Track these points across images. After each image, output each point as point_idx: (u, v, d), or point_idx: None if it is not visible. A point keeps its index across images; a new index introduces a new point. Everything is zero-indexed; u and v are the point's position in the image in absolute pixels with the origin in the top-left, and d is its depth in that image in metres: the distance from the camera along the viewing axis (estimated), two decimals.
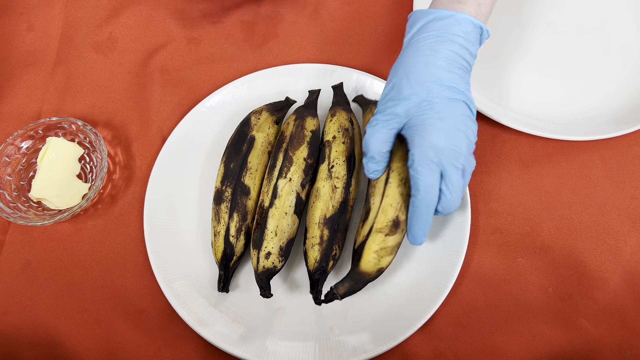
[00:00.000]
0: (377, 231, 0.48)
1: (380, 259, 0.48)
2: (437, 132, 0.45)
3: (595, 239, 0.57)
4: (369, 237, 0.48)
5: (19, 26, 0.71)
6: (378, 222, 0.48)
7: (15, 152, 0.61)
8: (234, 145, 0.56)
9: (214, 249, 0.54)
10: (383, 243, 0.48)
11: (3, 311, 0.56)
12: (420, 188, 0.45)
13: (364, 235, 0.49)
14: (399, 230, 0.48)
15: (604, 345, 0.53)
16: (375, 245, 0.48)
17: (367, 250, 0.48)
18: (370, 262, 0.48)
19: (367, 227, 0.49)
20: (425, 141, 0.45)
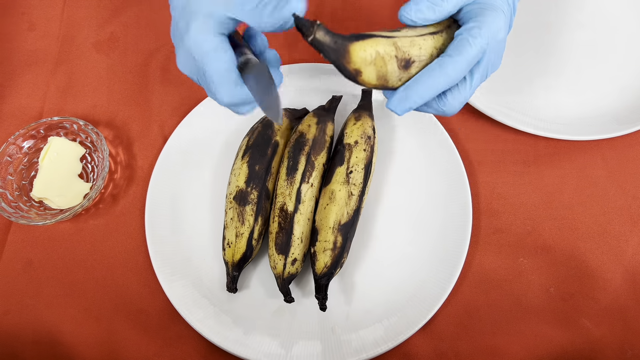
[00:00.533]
0: (393, 44, 0.39)
1: (370, 65, 0.39)
2: (503, 28, 0.41)
3: (597, 239, 0.57)
4: (385, 38, 0.39)
5: (21, 26, 0.71)
6: (400, 41, 0.39)
7: (17, 152, 0.61)
8: (258, 147, 0.55)
9: (233, 249, 0.53)
10: (387, 58, 0.39)
11: (4, 310, 0.56)
12: (463, 53, 0.39)
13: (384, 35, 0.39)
14: (403, 71, 0.40)
15: (606, 346, 0.53)
16: (382, 48, 0.39)
17: (372, 41, 0.38)
18: (365, 52, 0.38)
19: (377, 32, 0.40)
20: (494, 25, 0.40)
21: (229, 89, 0.40)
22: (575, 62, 0.65)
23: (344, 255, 0.52)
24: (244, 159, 0.55)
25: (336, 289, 0.55)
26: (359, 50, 0.38)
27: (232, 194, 0.54)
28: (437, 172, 0.59)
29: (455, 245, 0.54)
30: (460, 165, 0.58)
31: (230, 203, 0.54)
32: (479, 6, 0.40)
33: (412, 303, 0.53)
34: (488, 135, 0.62)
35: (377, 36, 0.38)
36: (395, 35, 0.39)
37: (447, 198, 0.57)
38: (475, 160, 0.61)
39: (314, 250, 0.52)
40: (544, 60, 0.65)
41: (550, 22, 0.67)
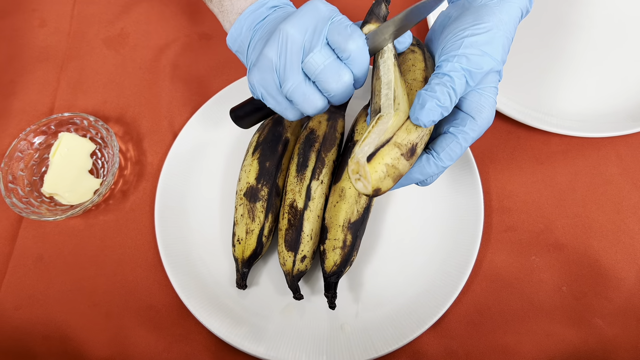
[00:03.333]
0: (395, 144, 0.39)
1: (386, 178, 0.38)
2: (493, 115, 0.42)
3: (610, 238, 0.56)
4: (386, 145, 0.38)
5: (32, 22, 0.72)
6: (398, 137, 0.39)
7: (28, 148, 0.61)
8: (269, 144, 0.55)
9: (243, 246, 0.53)
10: (397, 161, 0.39)
11: (16, 305, 0.57)
12: (454, 156, 0.41)
13: (378, 144, 0.39)
14: (412, 159, 0.40)
15: (619, 345, 0.52)
16: (389, 158, 0.38)
17: (378, 157, 0.38)
18: (378, 173, 0.38)
19: (379, 131, 0.39)
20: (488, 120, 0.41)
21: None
22: (589, 59, 0.64)
23: (353, 254, 0.52)
24: (254, 155, 0.55)
25: (345, 286, 0.55)
26: (373, 172, 0.38)
27: (243, 190, 0.54)
28: (448, 169, 0.58)
29: (467, 243, 0.54)
30: (472, 162, 0.57)
31: (240, 199, 0.54)
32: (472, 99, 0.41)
33: (423, 301, 0.53)
34: (500, 132, 0.61)
35: (381, 147, 0.38)
36: (392, 135, 0.39)
37: (459, 195, 0.57)
38: (487, 157, 0.60)
39: (323, 248, 0.52)
40: (557, 57, 0.65)
41: (564, 19, 0.67)
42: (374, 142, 0.39)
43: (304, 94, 0.42)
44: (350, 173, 0.39)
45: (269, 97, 0.43)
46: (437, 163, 0.41)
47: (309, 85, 0.42)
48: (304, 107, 0.42)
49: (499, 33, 0.40)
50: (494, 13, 0.40)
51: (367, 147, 0.38)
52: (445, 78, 0.38)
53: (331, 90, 0.42)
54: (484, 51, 0.39)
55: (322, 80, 0.41)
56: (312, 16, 0.41)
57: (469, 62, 0.39)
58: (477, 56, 0.39)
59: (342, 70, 0.41)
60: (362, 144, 0.39)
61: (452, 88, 0.38)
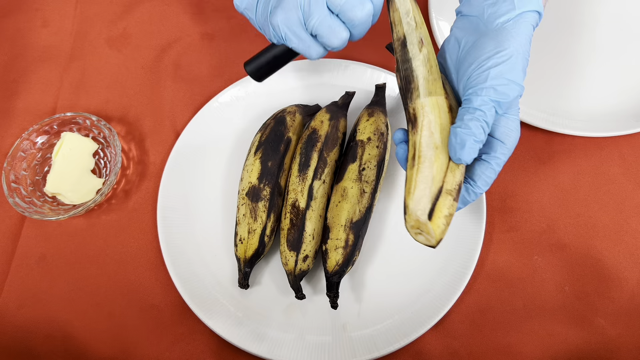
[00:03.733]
0: (447, 193, 0.39)
1: (446, 227, 0.39)
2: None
3: (613, 238, 0.56)
4: (440, 197, 0.39)
5: (34, 22, 0.72)
6: (448, 184, 0.39)
7: (31, 147, 0.61)
8: (271, 143, 0.55)
9: (245, 245, 0.53)
10: (452, 209, 0.39)
11: (18, 304, 0.57)
12: (490, 181, 0.42)
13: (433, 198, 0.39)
14: (457, 200, 0.40)
15: (622, 345, 0.52)
16: (446, 209, 0.39)
17: (437, 212, 0.38)
18: (440, 227, 0.39)
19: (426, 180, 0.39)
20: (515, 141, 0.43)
21: None
22: (592, 58, 0.64)
23: (355, 254, 0.52)
24: (256, 155, 0.55)
25: (347, 286, 0.55)
26: (437, 229, 0.39)
27: (245, 190, 0.54)
28: None
29: (469, 242, 0.54)
30: None
31: (242, 199, 0.54)
32: (500, 124, 0.42)
33: (425, 301, 0.53)
34: None
35: (437, 201, 0.39)
36: (442, 183, 0.39)
37: None
38: None
39: (325, 248, 0.52)
40: (561, 56, 0.65)
41: (569, 19, 0.66)
42: (427, 195, 0.39)
43: (329, 26, 0.42)
44: (409, 228, 0.40)
45: (293, 35, 0.44)
46: (475, 191, 0.42)
47: (333, 18, 0.42)
48: (330, 39, 0.43)
49: (519, 57, 0.40)
50: (513, 37, 0.41)
51: (423, 203, 0.39)
52: (477, 113, 0.39)
53: (355, 19, 0.42)
54: (509, 79, 0.39)
55: (347, 10, 0.42)
56: None
57: (497, 93, 0.39)
58: (503, 86, 0.39)
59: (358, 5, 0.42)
60: (414, 197, 0.39)
61: (485, 122, 0.39)
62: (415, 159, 0.40)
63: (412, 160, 0.41)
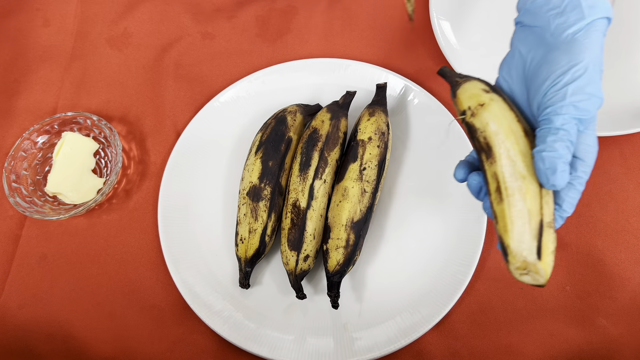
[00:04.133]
0: (548, 226, 0.37)
1: (553, 262, 0.37)
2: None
3: (614, 237, 0.56)
4: (544, 232, 0.37)
5: (35, 22, 0.72)
6: (546, 216, 0.37)
7: (32, 147, 0.61)
8: (272, 143, 0.55)
9: (246, 245, 0.53)
10: (555, 242, 0.37)
11: (19, 304, 0.57)
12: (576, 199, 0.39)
13: (536, 234, 0.37)
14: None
15: (623, 345, 0.52)
16: (551, 244, 0.37)
17: (545, 249, 0.37)
18: (549, 265, 0.37)
19: (523, 220, 0.37)
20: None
21: None
22: None
23: (356, 253, 0.52)
24: (257, 154, 0.55)
25: (348, 286, 0.55)
26: (547, 267, 0.37)
27: (246, 189, 0.54)
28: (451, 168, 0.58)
29: (470, 242, 0.54)
30: None
31: (243, 199, 0.54)
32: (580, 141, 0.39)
33: (426, 300, 0.53)
34: None
35: (541, 237, 0.37)
36: (541, 216, 0.37)
37: (462, 195, 0.56)
38: None
39: (326, 248, 0.52)
40: None
41: None
42: (527, 231, 0.37)
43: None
44: (514, 270, 0.37)
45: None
46: (562, 215, 0.39)
47: None
48: None
49: (595, 69, 0.38)
50: (586, 48, 0.38)
51: (527, 242, 0.36)
52: (560, 133, 0.36)
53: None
54: (589, 93, 0.37)
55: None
56: None
57: (578, 110, 0.37)
58: (584, 101, 0.37)
59: None
60: (514, 236, 0.37)
61: (569, 142, 0.37)
62: (501, 192, 0.38)
63: (497, 193, 0.38)
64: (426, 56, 0.66)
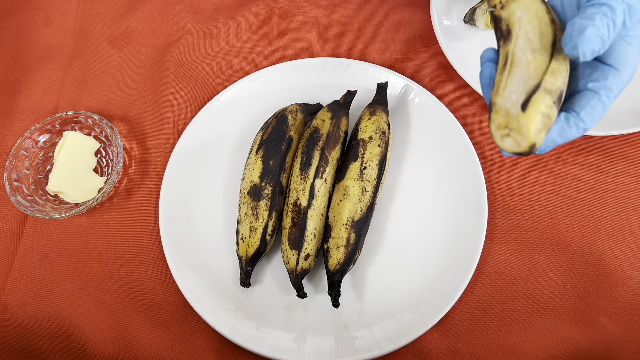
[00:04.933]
0: (546, 91, 0.34)
1: (542, 130, 0.33)
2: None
3: (615, 236, 0.56)
4: (538, 92, 0.33)
5: (37, 21, 0.72)
6: (547, 82, 0.34)
7: (33, 146, 0.61)
8: (273, 142, 0.55)
9: (247, 244, 0.53)
10: (551, 111, 0.34)
11: (20, 303, 0.57)
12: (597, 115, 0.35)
13: (528, 90, 0.34)
14: (557, 110, 0.35)
15: (624, 344, 0.52)
16: (544, 107, 0.33)
17: (533, 105, 0.33)
18: (536, 123, 0.33)
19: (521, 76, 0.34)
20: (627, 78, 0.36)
21: None
22: None
23: (357, 252, 0.52)
24: (258, 153, 0.55)
25: (349, 285, 0.55)
26: (530, 122, 0.33)
27: (246, 188, 0.54)
28: (452, 168, 0.58)
29: (471, 241, 0.54)
30: (476, 160, 0.57)
31: (244, 198, 0.54)
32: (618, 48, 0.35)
33: (426, 299, 0.53)
34: None
35: (533, 94, 0.33)
36: (540, 80, 0.34)
37: (463, 194, 0.57)
38: (491, 155, 0.60)
39: (327, 247, 0.52)
40: None
41: None
42: (520, 90, 0.33)
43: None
44: (495, 129, 0.34)
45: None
46: (577, 124, 0.35)
47: None
48: None
49: None
50: None
51: (515, 95, 0.33)
52: (604, 8, 0.32)
53: None
54: None
55: None
56: None
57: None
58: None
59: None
60: (503, 92, 0.34)
61: (612, 19, 0.32)
62: (507, 64, 0.35)
63: (503, 67, 0.35)
64: (427, 56, 0.66)
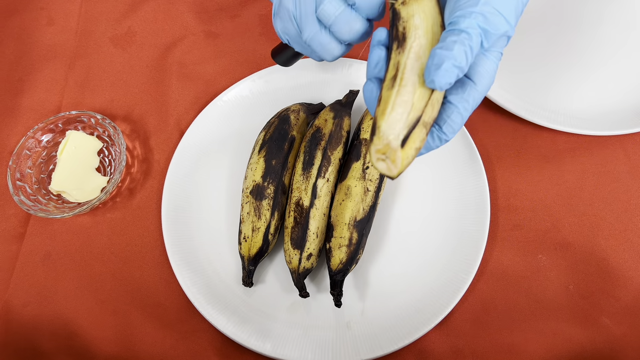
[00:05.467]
0: (423, 125, 0.35)
1: (411, 161, 0.36)
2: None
3: (618, 236, 0.56)
4: (417, 127, 0.35)
5: (40, 21, 0.72)
6: (426, 115, 0.35)
7: (36, 146, 0.61)
8: (276, 142, 0.55)
9: (249, 243, 0.53)
10: (422, 143, 0.36)
11: (24, 302, 0.57)
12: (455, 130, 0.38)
13: (410, 125, 0.35)
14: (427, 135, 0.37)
15: (627, 344, 0.52)
16: (418, 141, 0.35)
17: (411, 142, 0.35)
18: (409, 158, 0.35)
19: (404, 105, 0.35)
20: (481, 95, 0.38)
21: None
22: (596, 56, 0.64)
23: (359, 252, 0.52)
24: (260, 153, 0.55)
25: (351, 284, 0.55)
26: (406, 159, 0.35)
27: (249, 188, 0.54)
28: (454, 167, 0.58)
29: (473, 241, 0.54)
30: (479, 160, 0.57)
31: (246, 197, 0.54)
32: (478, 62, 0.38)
33: (429, 299, 0.53)
34: (507, 130, 0.61)
35: (413, 129, 0.35)
36: (422, 113, 0.35)
37: (465, 194, 0.57)
38: (493, 155, 0.60)
39: (329, 246, 0.52)
40: (564, 54, 0.64)
41: (572, 15, 0.66)
42: (403, 120, 0.35)
43: (320, 43, 0.41)
44: (374, 151, 0.35)
45: (294, 43, 0.44)
46: (440, 137, 0.38)
47: (325, 34, 0.41)
48: (322, 54, 0.42)
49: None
50: None
51: (398, 128, 0.35)
52: (462, 35, 0.34)
53: (346, 40, 0.41)
54: (500, 12, 0.35)
55: (335, 31, 0.40)
56: None
57: (487, 21, 0.35)
58: (494, 16, 0.35)
59: (352, 19, 0.39)
60: (388, 119, 0.35)
61: (469, 47, 0.34)
62: (396, 79, 0.36)
63: (392, 80, 0.36)
64: None
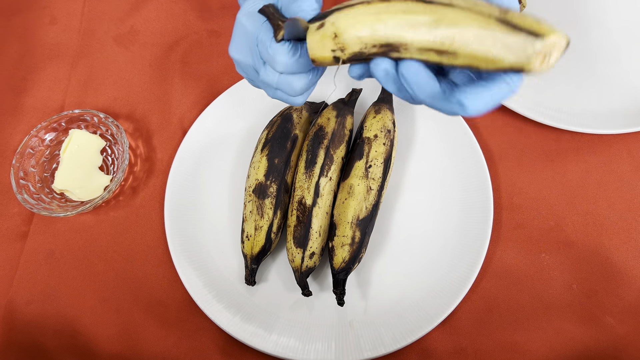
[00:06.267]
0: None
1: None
2: None
3: (622, 235, 0.56)
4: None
5: (42, 20, 0.72)
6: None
7: (39, 144, 0.62)
8: (278, 141, 0.55)
9: (252, 242, 0.53)
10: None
11: (27, 300, 0.57)
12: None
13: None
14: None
15: (630, 343, 0.52)
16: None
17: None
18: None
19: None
20: None
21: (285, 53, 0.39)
22: (600, 55, 0.64)
23: (362, 251, 0.52)
24: (263, 152, 0.55)
25: (354, 283, 0.55)
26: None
27: (252, 187, 0.54)
28: (458, 166, 0.58)
29: (476, 240, 0.54)
30: (482, 159, 0.57)
31: (249, 196, 0.54)
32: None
33: (432, 298, 0.53)
34: (510, 129, 0.61)
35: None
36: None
37: (468, 193, 0.56)
38: (496, 154, 0.60)
39: (332, 245, 0.52)
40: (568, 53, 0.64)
41: (576, 14, 0.66)
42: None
43: (281, 97, 0.42)
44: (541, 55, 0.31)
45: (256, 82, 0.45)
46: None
47: (280, 92, 0.42)
48: (281, 97, 0.43)
49: None
50: None
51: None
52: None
53: (299, 91, 0.41)
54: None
55: (282, 90, 0.41)
56: (244, 39, 0.41)
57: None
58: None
59: (292, 81, 0.40)
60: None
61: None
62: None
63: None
64: None
